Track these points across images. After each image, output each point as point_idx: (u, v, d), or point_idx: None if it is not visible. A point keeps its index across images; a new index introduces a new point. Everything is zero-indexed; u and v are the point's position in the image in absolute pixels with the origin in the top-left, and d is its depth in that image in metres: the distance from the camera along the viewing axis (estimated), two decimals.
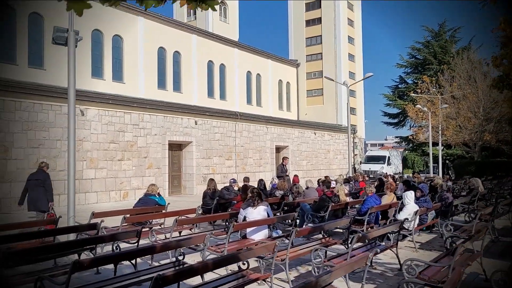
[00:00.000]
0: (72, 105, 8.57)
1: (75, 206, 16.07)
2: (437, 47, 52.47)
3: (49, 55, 25.31)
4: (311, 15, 45.15)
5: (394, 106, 56.46)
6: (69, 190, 8.58)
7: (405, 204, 8.78)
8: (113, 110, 19.82)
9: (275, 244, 5.23)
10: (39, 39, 25.01)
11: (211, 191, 11.78)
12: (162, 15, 31.86)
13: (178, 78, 33.08)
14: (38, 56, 25.04)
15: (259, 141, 28.37)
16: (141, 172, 20.96)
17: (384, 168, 37.40)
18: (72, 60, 8.65)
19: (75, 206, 8.60)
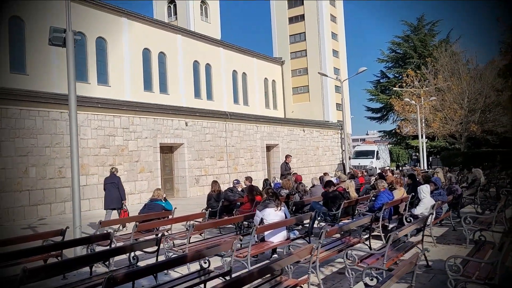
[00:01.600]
0: (73, 110, 8.13)
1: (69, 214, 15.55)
2: (417, 41, 53.08)
3: (31, 59, 24.56)
4: (294, 12, 45.01)
5: (377, 101, 56.94)
6: (74, 199, 8.14)
7: (421, 198, 8.62)
8: (102, 114, 19.27)
9: (312, 247, 4.96)
10: (21, 44, 24.21)
11: (216, 193, 11.46)
12: (145, 16, 31.26)
13: (164, 80, 32.52)
14: (20, 61, 24.24)
15: (249, 141, 28.09)
16: (133, 177, 20.45)
17: (373, 162, 37.52)
18: (71, 62, 8.21)
19: (81, 216, 8.15)
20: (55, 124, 17.41)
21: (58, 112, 17.56)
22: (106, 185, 12.52)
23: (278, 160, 30.58)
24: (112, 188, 12.30)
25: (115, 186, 12.32)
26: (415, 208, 8.72)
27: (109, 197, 12.26)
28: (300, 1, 44.71)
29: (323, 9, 43.40)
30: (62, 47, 8.29)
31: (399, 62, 55.92)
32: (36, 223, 14.78)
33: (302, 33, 44.48)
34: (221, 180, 25.66)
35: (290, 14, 45.28)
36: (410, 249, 6.50)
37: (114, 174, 12.66)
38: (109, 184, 12.43)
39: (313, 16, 43.66)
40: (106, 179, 12.71)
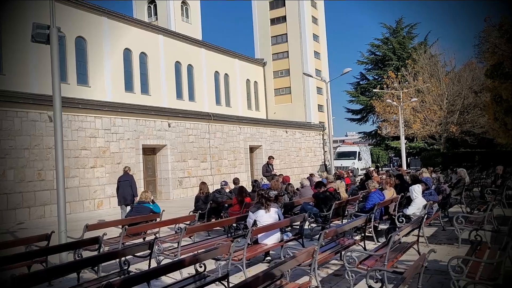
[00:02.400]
0: (58, 110, 7.83)
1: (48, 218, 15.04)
2: (396, 43, 53.77)
3: (8, 59, 23.82)
4: (276, 13, 45.01)
5: (357, 102, 57.48)
6: (58, 202, 7.81)
7: (412, 198, 8.60)
8: (83, 115, 18.78)
9: (314, 249, 4.82)
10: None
11: (204, 195, 11.23)
12: (126, 15, 30.74)
13: (145, 80, 32.03)
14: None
15: (233, 142, 27.88)
16: (115, 179, 19.84)
17: (355, 163, 37.76)
18: (55, 60, 7.90)
19: (66, 219, 7.82)
20: (34, 125, 16.87)
21: (37, 113, 17.04)
22: (119, 183, 13.53)
23: (261, 161, 30.42)
24: (125, 186, 13.34)
25: (128, 184, 13.34)
26: (407, 208, 8.70)
27: (122, 194, 13.28)
28: (281, 2, 44.74)
29: (305, 11, 43.53)
30: (46, 44, 7.95)
31: (378, 64, 56.55)
32: (15, 228, 14.27)
33: (284, 34, 44.52)
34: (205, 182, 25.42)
35: (271, 15, 45.26)
36: (407, 250, 6.44)
37: (127, 173, 13.69)
38: (122, 182, 13.45)
39: (295, 18, 43.75)
40: (120, 178, 13.76)
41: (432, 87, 36.31)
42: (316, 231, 10.01)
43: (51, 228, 14.16)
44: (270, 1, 45.32)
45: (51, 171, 17.26)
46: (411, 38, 55.88)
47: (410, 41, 55.32)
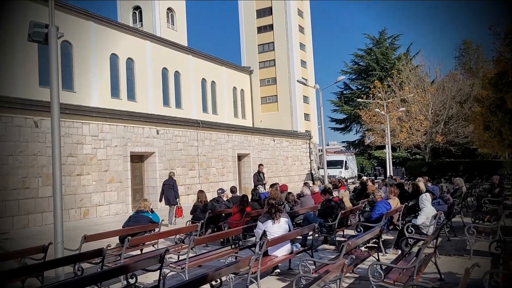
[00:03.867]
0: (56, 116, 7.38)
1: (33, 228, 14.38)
2: (379, 54, 54.41)
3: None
4: (263, 21, 44.98)
5: (341, 112, 57.84)
6: (55, 211, 7.33)
7: (421, 207, 8.40)
8: (70, 121, 18.15)
9: (344, 263, 4.53)
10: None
11: (202, 204, 10.84)
12: (114, 20, 30.20)
13: (132, 86, 31.42)
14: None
15: (221, 150, 27.49)
16: (102, 187, 19.38)
17: (342, 172, 37.78)
18: (54, 61, 7.47)
19: (63, 229, 7.33)
20: (19, 131, 16.21)
21: (22, 118, 16.39)
22: (164, 185, 15.51)
23: (249, 170, 30.13)
24: (168, 189, 15.24)
25: (171, 187, 15.27)
26: (415, 218, 8.50)
27: (166, 196, 15.18)
28: (269, 10, 44.76)
29: (292, 20, 43.64)
30: (43, 44, 7.52)
31: (362, 74, 57.10)
32: None
33: (271, 42, 44.49)
34: (193, 190, 24.92)
35: (258, 24, 45.21)
36: (428, 262, 6.20)
37: (171, 178, 15.75)
38: (167, 185, 15.40)
39: (282, 27, 43.80)
40: (165, 181, 15.77)
41: (417, 97, 36.72)
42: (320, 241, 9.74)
43: (38, 238, 13.58)
44: (257, 10, 45.28)
45: (35, 178, 16.61)
46: (394, 49, 56.68)
47: (393, 52, 56.10)
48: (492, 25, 14.25)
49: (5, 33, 23.42)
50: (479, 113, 21.04)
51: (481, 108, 20.37)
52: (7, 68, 23.40)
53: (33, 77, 24.61)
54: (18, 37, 23.62)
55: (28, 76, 24.39)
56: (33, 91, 23.37)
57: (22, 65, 24.12)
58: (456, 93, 36.78)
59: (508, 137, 15.85)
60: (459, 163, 36.38)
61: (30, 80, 24.36)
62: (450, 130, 37.44)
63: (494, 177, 13.66)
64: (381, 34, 57.19)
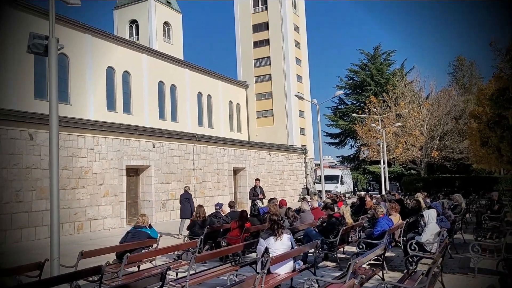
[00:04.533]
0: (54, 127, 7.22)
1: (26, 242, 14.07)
2: (374, 69, 54.72)
3: None
4: (259, 36, 45.25)
5: (336, 126, 57.92)
6: (52, 226, 7.13)
7: (427, 224, 8.26)
8: (66, 134, 17.94)
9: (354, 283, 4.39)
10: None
11: (201, 219, 10.64)
12: (110, 33, 30.20)
13: (128, 100, 31.31)
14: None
15: (217, 164, 27.33)
16: (97, 201, 19.11)
17: (338, 187, 37.66)
18: (54, 73, 7.34)
19: (59, 245, 7.13)
20: (14, 143, 15.99)
21: (17, 130, 16.18)
22: (181, 200, 16.40)
23: (245, 184, 29.94)
24: (186, 202, 16.07)
25: (187, 201, 16.11)
26: (419, 235, 8.37)
27: (184, 209, 16.04)
28: (265, 25, 45.07)
29: (288, 35, 43.94)
30: (43, 56, 7.41)
31: (357, 89, 57.27)
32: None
33: (267, 57, 44.69)
34: None
35: (255, 39, 45.47)
36: (435, 281, 6.07)
37: (187, 192, 16.68)
38: (183, 199, 16.28)
39: (278, 41, 44.07)
40: (181, 195, 16.67)
41: (413, 112, 36.89)
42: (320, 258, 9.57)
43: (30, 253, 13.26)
44: (253, 25, 45.57)
45: (29, 192, 16.35)
46: (388, 65, 57.06)
47: (387, 67, 56.46)
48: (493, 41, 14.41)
49: (1, 45, 23.30)
50: (475, 129, 21.09)
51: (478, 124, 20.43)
52: (3, 80, 23.23)
53: (28, 89, 24.44)
54: (13, 48, 23.53)
55: (23, 88, 24.21)
56: (28, 103, 23.18)
57: (18, 77, 23.96)
58: (450, 109, 37.00)
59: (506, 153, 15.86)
60: (455, 179, 36.43)
61: (26, 92, 24.18)
62: (445, 146, 37.55)
63: (494, 194, 13.60)
64: (376, 50, 57.61)
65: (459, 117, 37.00)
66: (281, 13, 44.02)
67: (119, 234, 16.30)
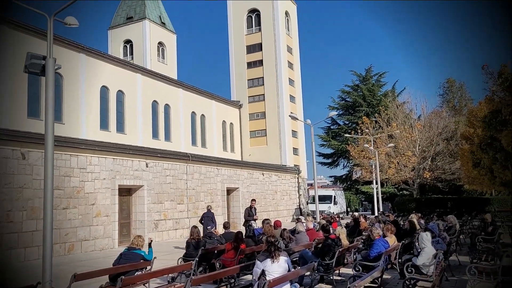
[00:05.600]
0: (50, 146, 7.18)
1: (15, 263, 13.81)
2: (366, 90, 55.38)
3: None
4: (253, 57, 45.69)
5: (329, 147, 58.17)
6: (44, 248, 7.01)
7: (422, 247, 8.25)
8: (58, 153, 17.77)
9: None
10: None
11: (195, 241, 10.53)
12: (105, 53, 30.33)
13: (121, 119, 31.26)
14: None
15: (210, 183, 27.21)
16: (88, 221, 18.86)
17: (331, 207, 37.57)
18: (50, 93, 7.37)
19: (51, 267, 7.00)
20: (6, 163, 15.81)
21: (9, 149, 16.03)
22: (204, 218, 17.51)
23: (238, 204, 29.79)
24: (208, 221, 17.06)
25: (210, 219, 17.17)
26: (415, 257, 8.33)
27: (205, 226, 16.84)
28: (258, 47, 45.57)
29: (281, 56, 44.43)
30: (39, 75, 7.43)
31: (349, 110, 57.79)
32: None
33: (261, 78, 45.05)
34: (181, 225, 24.45)
35: (248, 59, 45.89)
36: None
37: (209, 211, 17.96)
38: (206, 217, 17.33)
39: (271, 62, 44.52)
40: (204, 214, 17.91)
41: (405, 133, 37.21)
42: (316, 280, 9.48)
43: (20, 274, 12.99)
44: (247, 45, 46.08)
45: (20, 212, 16.10)
46: (380, 86, 57.78)
47: (379, 88, 57.16)
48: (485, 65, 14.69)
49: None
50: (467, 150, 21.27)
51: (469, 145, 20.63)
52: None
53: (21, 108, 24.34)
54: (7, 67, 23.51)
55: (16, 107, 24.11)
56: (21, 122, 23.06)
57: (11, 96, 23.89)
58: (442, 130, 37.41)
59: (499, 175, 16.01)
60: (447, 200, 36.58)
61: (19, 111, 24.08)
62: (437, 166, 37.81)
63: (487, 215, 13.64)
64: (367, 71, 58.43)
65: (450, 138, 37.40)
66: (274, 34, 44.63)
67: (110, 255, 16.06)
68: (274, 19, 44.74)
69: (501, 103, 13.81)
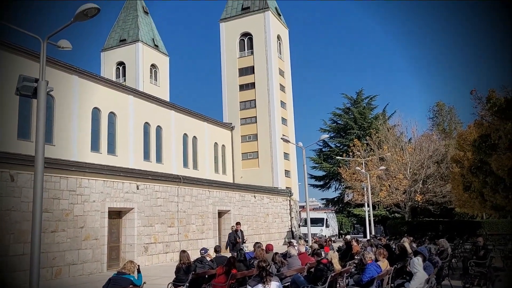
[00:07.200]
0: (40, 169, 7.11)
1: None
2: (357, 113, 55.91)
3: None
4: (245, 80, 46.09)
5: (320, 169, 58.25)
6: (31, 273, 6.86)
7: (413, 272, 8.19)
8: (48, 175, 17.55)
9: None
10: None
11: (185, 265, 10.36)
12: (98, 75, 30.42)
13: (112, 141, 31.14)
14: None
15: (201, 206, 26.99)
16: (77, 245, 18.51)
17: (323, 230, 37.34)
18: (42, 115, 7.32)
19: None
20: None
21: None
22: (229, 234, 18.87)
23: (229, 227, 29.41)
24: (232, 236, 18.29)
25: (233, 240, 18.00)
26: (408, 283, 8.26)
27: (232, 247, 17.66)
28: (251, 69, 46.04)
29: (273, 79, 44.88)
30: (31, 98, 7.41)
31: (340, 132, 58.18)
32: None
33: (253, 100, 45.37)
34: (171, 248, 24.10)
35: (240, 82, 46.28)
36: None
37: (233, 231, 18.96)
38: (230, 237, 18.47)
39: (263, 85, 44.91)
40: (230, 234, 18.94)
41: (396, 156, 37.42)
42: None
43: None
44: (239, 68, 46.54)
45: (7, 235, 15.78)
46: (371, 109, 58.38)
47: (370, 111, 57.74)
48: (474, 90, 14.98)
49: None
50: (458, 173, 21.43)
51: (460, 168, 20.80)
52: None
53: (11, 129, 24.17)
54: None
55: (6, 128, 23.95)
56: (10, 143, 22.87)
57: (1, 117, 23.74)
58: (432, 153, 37.69)
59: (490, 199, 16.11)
60: (439, 223, 36.57)
61: (9, 132, 23.90)
62: (428, 189, 37.92)
63: (479, 239, 13.64)
64: (358, 94, 59.09)
65: (441, 161, 37.65)
66: (266, 57, 45.18)
67: (98, 279, 15.75)
68: (266, 43, 45.38)
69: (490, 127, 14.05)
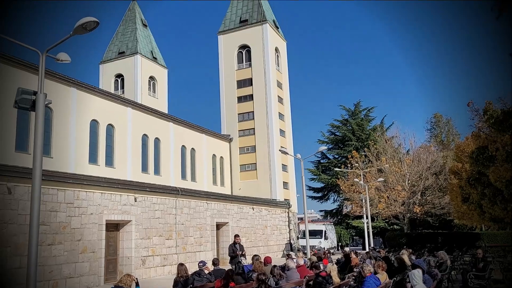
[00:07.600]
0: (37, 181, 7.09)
1: None
2: (355, 125, 56.03)
3: None
4: (243, 92, 46.21)
5: (319, 181, 58.14)
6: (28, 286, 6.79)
7: (413, 284, 8.14)
8: (46, 187, 17.49)
9: None
10: None
11: (183, 279, 10.27)
12: (96, 87, 30.49)
13: (110, 153, 31.09)
14: None
15: (199, 218, 26.87)
16: (74, 258, 18.37)
17: (322, 242, 37.15)
18: (40, 128, 7.31)
19: None
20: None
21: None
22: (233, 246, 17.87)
23: (227, 239, 29.31)
24: None
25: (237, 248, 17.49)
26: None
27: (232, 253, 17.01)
28: (249, 82, 46.22)
29: (271, 91, 45.03)
30: (29, 111, 7.41)
31: (338, 144, 58.21)
32: None
33: (251, 112, 45.44)
34: (169, 261, 23.92)
35: (239, 94, 46.41)
36: None
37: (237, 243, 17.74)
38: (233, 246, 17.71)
39: (261, 97, 45.04)
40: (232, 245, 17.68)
41: (394, 168, 37.42)
42: None
43: None
44: (238, 80, 46.71)
45: (4, 248, 15.68)
46: (369, 121, 58.52)
47: (368, 123, 57.87)
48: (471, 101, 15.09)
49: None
50: (456, 185, 21.43)
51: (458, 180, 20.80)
52: None
53: (9, 142, 24.12)
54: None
55: (4, 140, 23.90)
56: (8, 156, 22.81)
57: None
58: (431, 164, 37.72)
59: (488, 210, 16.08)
60: (438, 235, 36.46)
61: (6, 145, 23.85)
62: (426, 201, 37.89)
63: (478, 251, 13.58)
64: (356, 106, 59.28)
65: (439, 173, 37.66)
66: (264, 70, 45.39)
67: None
68: (264, 55, 45.63)
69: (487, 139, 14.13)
